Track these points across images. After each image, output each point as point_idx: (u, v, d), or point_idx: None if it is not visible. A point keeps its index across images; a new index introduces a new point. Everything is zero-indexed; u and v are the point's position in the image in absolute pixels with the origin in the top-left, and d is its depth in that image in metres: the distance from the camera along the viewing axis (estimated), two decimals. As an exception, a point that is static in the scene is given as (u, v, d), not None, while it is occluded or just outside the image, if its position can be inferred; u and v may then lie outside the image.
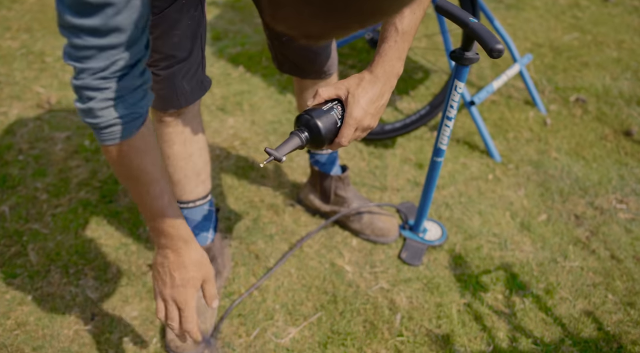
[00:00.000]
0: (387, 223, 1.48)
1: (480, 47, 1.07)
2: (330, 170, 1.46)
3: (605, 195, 1.66)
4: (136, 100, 0.79)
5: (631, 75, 2.24)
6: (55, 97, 1.90)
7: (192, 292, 0.93)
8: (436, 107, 1.67)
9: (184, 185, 1.20)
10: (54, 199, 1.54)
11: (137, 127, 0.81)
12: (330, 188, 1.47)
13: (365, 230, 1.47)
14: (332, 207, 1.50)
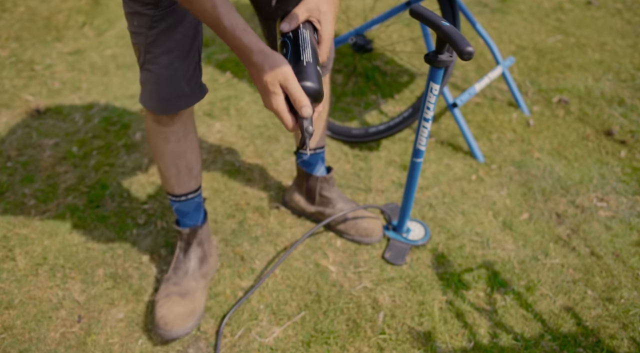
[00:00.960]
0: (371, 223, 1.51)
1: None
2: (316, 171, 1.48)
3: (586, 193, 1.69)
4: None
5: (612, 76, 2.28)
6: (44, 104, 1.92)
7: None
8: (418, 108, 1.70)
9: (177, 180, 1.25)
10: (42, 204, 1.55)
11: None
12: (315, 188, 1.50)
13: (349, 230, 1.50)
14: (317, 208, 1.53)
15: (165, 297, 1.26)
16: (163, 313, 1.23)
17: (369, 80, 2.16)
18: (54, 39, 2.34)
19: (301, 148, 0.88)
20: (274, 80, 0.84)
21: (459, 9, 1.70)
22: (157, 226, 1.51)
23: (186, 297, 1.26)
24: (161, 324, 1.21)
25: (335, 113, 1.98)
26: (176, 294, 1.26)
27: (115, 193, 1.60)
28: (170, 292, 1.27)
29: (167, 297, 1.26)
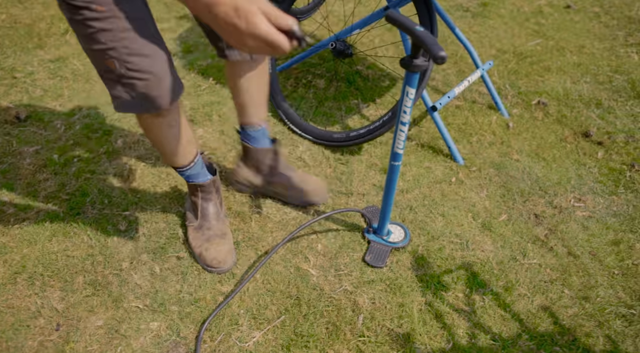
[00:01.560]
0: (316, 184, 1.59)
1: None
2: (262, 144, 1.55)
3: (564, 194, 1.71)
4: None
5: (590, 79, 2.32)
6: (25, 111, 1.91)
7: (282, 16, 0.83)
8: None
9: (184, 153, 1.35)
10: (21, 212, 1.55)
11: None
12: (262, 160, 1.57)
13: (297, 194, 1.59)
14: (266, 178, 1.60)
15: (207, 241, 1.45)
16: (214, 254, 1.42)
17: (351, 85, 2.18)
18: (36, 46, 2.33)
19: (301, 46, 0.84)
20: (256, 9, 0.80)
21: (436, 14, 1.73)
22: (138, 232, 1.51)
23: (225, 237, 1.47)
24: (215, 264, 1.41)
25: (317, 118, 2.00)
26: (216, 237, 1.46)
27: (96, 200, 1.60)
28: (210, 236, 1.46)
29: (210, 241, 1.45)
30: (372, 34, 2.57)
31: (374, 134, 1.76)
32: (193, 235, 1.48)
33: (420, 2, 1.61)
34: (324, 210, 1.62)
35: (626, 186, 1.75)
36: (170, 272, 1.41)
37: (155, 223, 1.54)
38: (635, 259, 1.49)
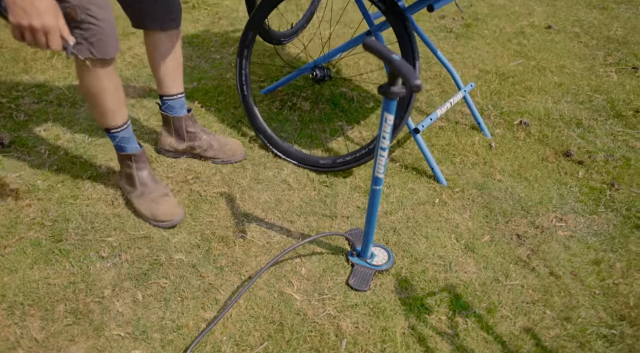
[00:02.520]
0: (234, 144, 1.87)
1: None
2: (180, 113, 1.79)
3: (546, 213, 1.73)
4: None
5: (571, 98, 2.36)
6: (9, 137, 1.91)
7: (55, 19, 1.15)
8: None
9: (119, 111, 1.53)
10: (3, 240, 1.54)
11: None
12: (182, 127, 1.81)
13: (218, 154, 1.85)
14: (187, 143, 1.84)
15: (153, 202, 1.59)
16: (165, 209, 1.58)
17: (335, 107, 2.21)
18: (22, 70, 2.34)
19: (70, 56, 1.25)
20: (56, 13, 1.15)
21: (415, 38, 1.76)
22: (122, 258, 1.50)
23: (168, 195, 1.63)
24: (168, 217, 1.58)
25: (302, 140, 2.01)
26: (161, 196, 1.61)
27: (79, 226, 1.59)
28: (155, 197, 1.60)
29: (156, 201, 1.59)
30: (357, 56, 2.61)
31: (360, 161, 1.77)
32: (139, 202, 1.62)
33: (399, 27, 1.64)
34: (308, 234, 1.62)
35: (606, 205, 1.77)
36: (153, 298, 1.40)
37: (139, 249, 1.53)
38: (616, 279, 1.50)
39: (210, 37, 2.72)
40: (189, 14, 2.95)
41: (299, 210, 1.70)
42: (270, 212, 1.69)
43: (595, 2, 3.39)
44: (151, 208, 1.59)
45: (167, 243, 1.56)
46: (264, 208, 1.70)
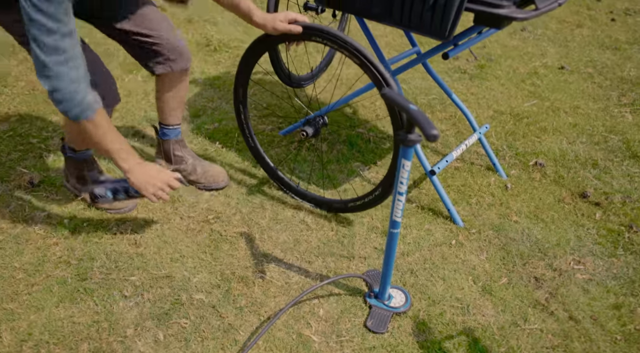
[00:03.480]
0: (217, 171, 1.97)
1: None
2: (170, 137, 1.96)
3: (563, 256, 1.73)
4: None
5: (586, 139, 2.38)
6: (38, 176, 1.99)
7: (165, 173, 1.56)
8: (390, 185, 1.68)
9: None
10: (30, 278, 1.58)
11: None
12: (169, 150, 1.96)
13: (200, 179, 1.96)
14: (174, 166, 1.98)
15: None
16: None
17: (352, 148, 2.26)
18: (52, 112, 2.44)
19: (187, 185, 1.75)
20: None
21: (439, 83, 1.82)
22: (144, 297, 1.54)
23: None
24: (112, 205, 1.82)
25: (320, 181, 2.06)
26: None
27: (104, 265, 1.64)
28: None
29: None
30: (375, 97, 2.68)
31: (369, 206, 1.76)
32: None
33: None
34: (326, 274, 1.64)
35: (625, 248, 1.77)
36: (174, 338, 1.43)
37: (160, 288, 1.57)
38: (638, 324, 1.49)
39: (231, 79, 2.82)
40: (210, 56, 3.07)
41: (317, 250, 1.73)
42: (288, 253, 1.72)
43: (608, 43, 3.44)
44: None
45: (188, 283, 1.59)
46: (283, 249, 1.73)
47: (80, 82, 1.36)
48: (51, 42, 1.28)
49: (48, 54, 1.29)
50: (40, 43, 1.28)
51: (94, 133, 1.44)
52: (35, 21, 1.25)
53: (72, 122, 1.42)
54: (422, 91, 2.78)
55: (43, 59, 1.30)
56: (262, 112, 2.52)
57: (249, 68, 1.80)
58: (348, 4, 1.66)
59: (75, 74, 1.34)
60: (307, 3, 2.20)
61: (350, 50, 1.54)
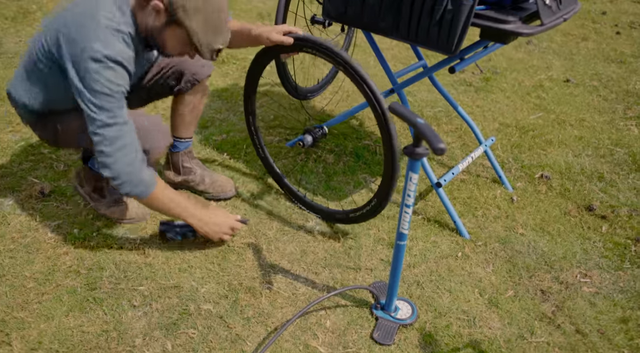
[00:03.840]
0: (224, 181, 2.01)
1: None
2: (180, 149, 1.98)
3: (570, 269, 1.74)
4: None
5: (592, 152, 2.39)
6: (49, 186, 2.02)
7: (229, 216, 1.73)
8: (384, 198, 1.67)
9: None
10: (41, 287, 1.60)
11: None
12: (178, 161, 1.99)
13: (208, 189, 2.00)
14: (182, 177, 2.01)
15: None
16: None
17: (359, 159, 2.28)
18: (62, 122, 2.48)
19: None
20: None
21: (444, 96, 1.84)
22: (152, 307, 1.55)
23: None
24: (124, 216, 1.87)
25: (327, 192, 2.08)
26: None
27: (113, 274, 1.66)
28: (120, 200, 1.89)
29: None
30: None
31: (368, 216, 1.75)
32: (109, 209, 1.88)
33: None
34: (333, 286, 1.65)
35: (632, 261, 1.77)
36: (182, 348, 1.44)
37: (169, 298, 1.58)
38: (645, 338, 1.49)
39: (238, 90, 2.85)
40: (218, 68, 3.11)
41: (323, 262, 1.74)
42: (295, 264, 1.73)
43: (613, 56, 3.46)
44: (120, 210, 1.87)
45: (196, 293, 1.61)
46: (290, 260, 1.75)
47: (134, 164, 1.48)
48: (111, 134, 1.43)
49: (108, 145, 1.43)
50: (102, 137, 1.42)
51: (158, 204, 1.57)
52: (98, 120, 1.41)
53: None
54: (428, 103, 2.80)
55: (103, 149, 1.44)
56: (270, 123, 2.55)
57: (254, 79, 1.85)
58: (355, 19, 1.69)
59: (131, 157, 1.47)
60: (315, 16, 2.24)
61: (338, 61, 1.57)
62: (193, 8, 1.38)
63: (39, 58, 1.51)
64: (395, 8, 1.58)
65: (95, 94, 1.39)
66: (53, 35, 1.45)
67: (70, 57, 1.40)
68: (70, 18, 1.43)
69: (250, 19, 3.90)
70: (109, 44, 1.38)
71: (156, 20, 1.44)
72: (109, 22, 1.38)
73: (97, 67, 1.37)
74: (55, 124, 1.64)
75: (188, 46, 1.48)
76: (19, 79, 1.61)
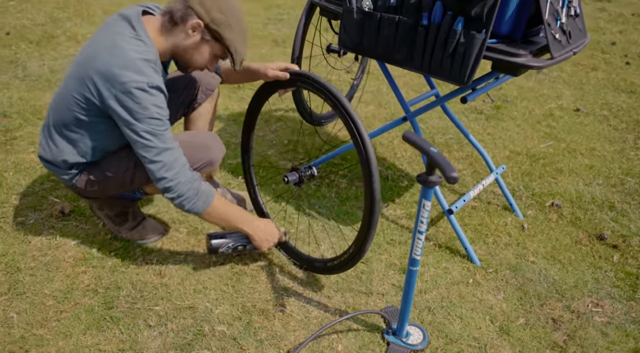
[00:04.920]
0: (241, 197, 2.10)
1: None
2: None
3: (581, 298, 1.74)
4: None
5: (602, 181, 2.41)
6: (69, 206, 2.07)
7: (277, 229, 1.78)
8: (361, 247, 1.60)
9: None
10: (60, 305, 1.64)
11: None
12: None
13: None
14: None
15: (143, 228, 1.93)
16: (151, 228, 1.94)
17: (371, 185, 2.31)
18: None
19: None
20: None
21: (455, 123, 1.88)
22: (167, 327, 1.58)
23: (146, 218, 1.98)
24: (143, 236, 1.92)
25: (340, 217, 2.11)
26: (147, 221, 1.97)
27: (129, 294, 1.69)
28: (145, 225, 1.94)
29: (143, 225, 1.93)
30: (392, 135, 2.75)
31: (346, 265, 1.67)
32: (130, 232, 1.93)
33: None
34: (345, 310, 1.67)
35: (643, 291, 1.77)
36: (196, 369, 1.46)
37: (183, 319, 1.61)
38: (657, 370, 1.48)
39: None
40: (234, 93, 3.19)
41: (336, 286, 1.77)
42: (308, 287, 1.76)
43: (623, 86, 3.50)
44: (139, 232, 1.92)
45: (210, 314, 1.63)
46: (303, 283, 1.77)
47: (193, 181, 1.56)
48: (169, 158, 1.51)
49: (168, 169, 1.51)
50: (161, 164, 1.51)
51: (218, 212, 1.63)
52: (154, 147, 1.49)
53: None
54: (440, 130, 2.85)
55: (164, 175, 1.51)
56: (284, 147, 2.61)
57: (254, 115, 1.91)
58: (370, 50, 1.76)
59: (189, 175, 1.55)
60: (330, 46, 2.31)
61: (331, 98, 1.56)
62: (230, 24, 1.51)
63: (79, 110, 1.54)
64: (410, 40, 1.64)
65: (147, 122, 1.46)
66: (85, 82, 1.49)
67: (112, 95, 1.45)
68: (98, 60, 1.46)
69: (265, 45, 4.01)
70: (145, 73, 1.45)
71: (189, 38, 1.53)
72: (137, 54, 1.45)
73: (143, 96, 1.44)
74: (102, 171, 1.67)
75: (216, 59, 1.60)
76: (49, 141, 1.64)
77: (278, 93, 1.77)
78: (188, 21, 1.50)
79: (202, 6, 1.48)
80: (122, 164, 1.65)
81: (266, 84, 1.79)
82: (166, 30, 1.53)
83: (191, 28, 1.50)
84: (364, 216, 1.56)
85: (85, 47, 1.56)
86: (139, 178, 1.66)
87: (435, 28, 1.57)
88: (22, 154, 2.40)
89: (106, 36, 1.50)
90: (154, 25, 1.53)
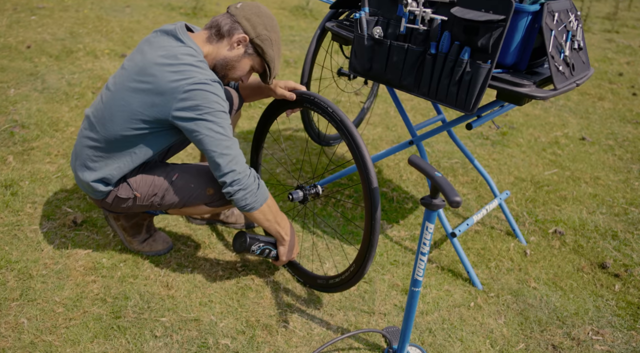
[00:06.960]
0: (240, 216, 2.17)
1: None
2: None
3: (582, 325, 1.76)
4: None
5: (606, 210, 2.43)
6: (81, 216, 2.13)
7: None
8: (362, 262, 1.64)
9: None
10: (69, 312, 1.68)
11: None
12: None
13: (239, 220, 2.15)
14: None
15: (154, 240, 1.98)
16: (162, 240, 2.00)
17: (377, 206, 2.35)
18: (97, 156, 2.62)
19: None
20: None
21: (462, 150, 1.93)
22: (173, 339, 1.61)
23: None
24: (153, 248, 1.98)
25: (345, 236, 2.15)
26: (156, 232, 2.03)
27: (137, 304, 1.73)
28: (155, 237, 2.00)
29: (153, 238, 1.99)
30: (398, 158, 2.80)
31: (348, 284, 1.72)
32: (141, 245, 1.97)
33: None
34: (347, 328, 1.70)
35: (644, 321, 1.78)
36: (199, 381, 1.49)
37: (189, 331, 1.65)
38: (655, 399, 1.49)
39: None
40: (245, 111, 3.27)
41: (338, 304, 1.80)
42: (311, 304, 1.79)
43: (629, 117, 3.54)
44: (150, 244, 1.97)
45: (215, 327, 1.67)
46: (306, 300, 1.80)
47: (255, 176, 1.61)
48: (237, 152, 1.56)
49: (237, 163, 1.55)
50: (231, 157, 1.54)
51: (270, 210, 1.65)
52: (224, 139, 1.52)
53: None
54: (445, 155, 2.89)
55: (234, 167, 1.54)
56: (292, 166, 2.66)
57: (262, 133, 1.98)
58: (379, 75, 1.82)
59: (250, 170, 1.60)
60: (341, 69, 2.38)
61: (332, 117, 1.65)
62: (272, 41, 1.61)
63: (137, 123, 1.55)
64: (417, 68, 1.70)
65: (215, 115, 1.51)
66: (134, 94, 1.53)
67: (175, 100, 1.48)
68: (148, 71, 1.50)
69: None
70: (203, 71, 1.52)
71: (233, 51, 1.61)
72: (190, 58, 1.52)
73: (207, 89, 1.49)
74: (132, 191, 1.70)
75: (251, 73, 1.70)
76: (88, 159, 1.65)
77: (286, 113, 1.84)
78: (234, 35, 1.59)
79: (249, 22, 1.59)
80: (154, 188, 1.70)
81: (275, 102, 1.85)
82: (212, 42, 1.61)
83: (237, 41, 1.59)
84: (364, 235, 1.60)
85: (135, 61, 1.57)
86: (167, 202, 1.72)
87: (443, 57, 1.63)
88: (38, 164, 2.47)
89: (156, 49, 1.54)
90: (200, 37, 1.62)
